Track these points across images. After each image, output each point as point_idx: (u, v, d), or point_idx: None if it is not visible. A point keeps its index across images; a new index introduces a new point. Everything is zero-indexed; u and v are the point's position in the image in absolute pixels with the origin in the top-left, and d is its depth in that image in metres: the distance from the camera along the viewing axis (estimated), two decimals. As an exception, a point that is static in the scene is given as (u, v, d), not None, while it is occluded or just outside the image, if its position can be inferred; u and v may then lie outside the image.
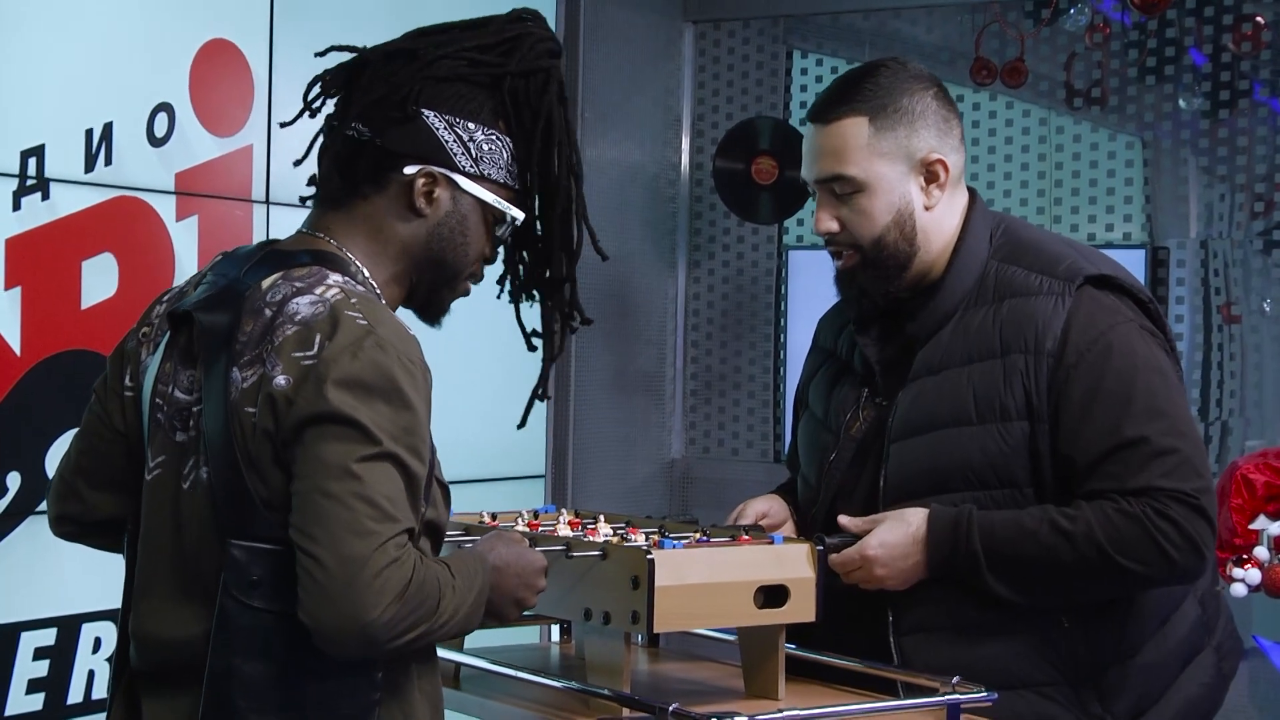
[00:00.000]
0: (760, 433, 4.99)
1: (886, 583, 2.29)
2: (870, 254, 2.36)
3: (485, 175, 1.97)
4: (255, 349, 1.83)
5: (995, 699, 2.12)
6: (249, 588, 1.80)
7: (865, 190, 2.34)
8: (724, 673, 2.33)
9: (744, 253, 5.02)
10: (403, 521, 1.77)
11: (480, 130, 1.96)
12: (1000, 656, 2.26)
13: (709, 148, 4.95)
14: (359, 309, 1.83)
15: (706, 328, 5.04)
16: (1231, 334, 4.65)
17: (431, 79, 1.94)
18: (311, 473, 1.76)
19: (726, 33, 5.01)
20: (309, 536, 1.74)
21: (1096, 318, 2.29)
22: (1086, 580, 2.26)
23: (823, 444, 2.47)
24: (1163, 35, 4.53)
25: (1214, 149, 4.56)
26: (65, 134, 3.38)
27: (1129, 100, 4.65)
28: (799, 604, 2.12)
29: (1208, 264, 4.68)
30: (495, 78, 1.96)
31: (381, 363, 1.80)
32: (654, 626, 2.03)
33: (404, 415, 1.80)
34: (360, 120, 1.94)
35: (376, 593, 1.72)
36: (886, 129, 2.34)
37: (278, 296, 1.86)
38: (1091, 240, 4.65)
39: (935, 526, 2.27)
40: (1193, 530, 2.22)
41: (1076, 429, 2.25)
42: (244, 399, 1.82)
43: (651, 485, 4.88)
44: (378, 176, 1.94)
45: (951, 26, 4.87)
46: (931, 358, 2.34)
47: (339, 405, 1.76)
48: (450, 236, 1.98)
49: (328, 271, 1.89)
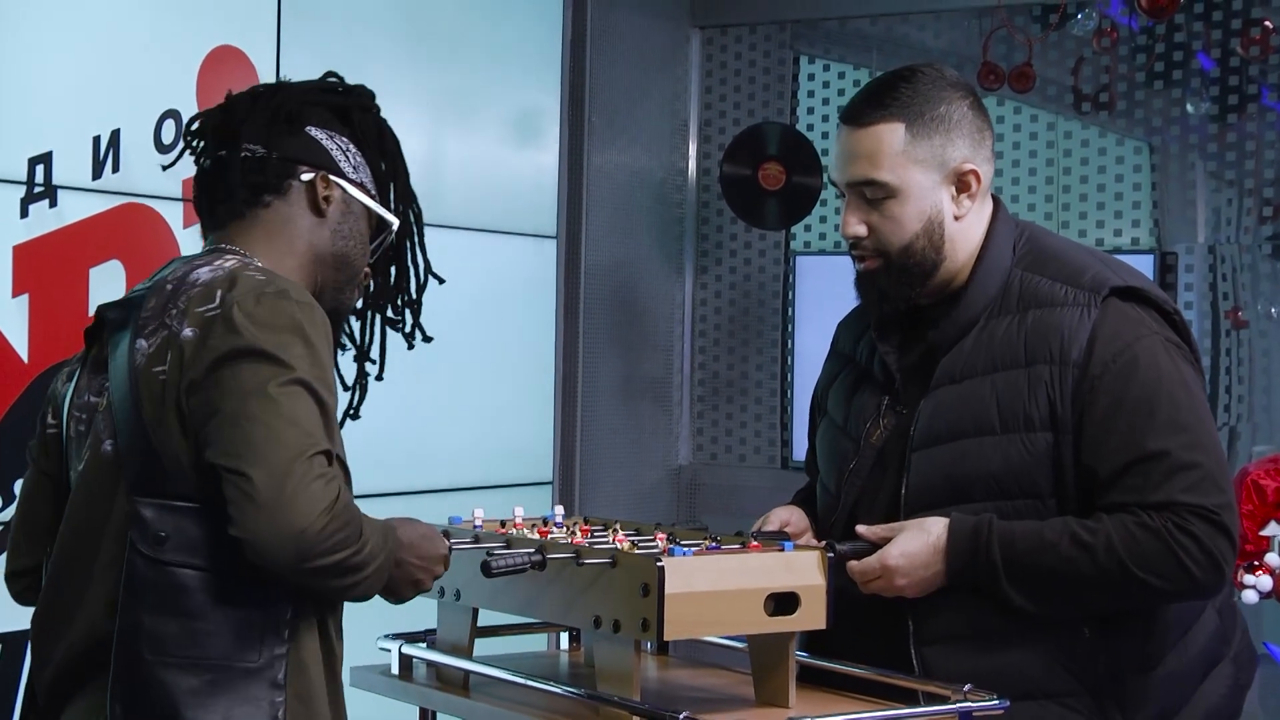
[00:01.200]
0: (768, 439, 4.98)
1: (906, 592, 2.28)
2: (896, 260, 2.34)
3: (363, 183, 2.14)
4: (158, 318, 1.94)
5: (1007, 707, 2.12)
6: (157, 543, 1.89)
7: (897, 196, 2.32)
8: (734, 680, 2.32)
9: (751, 258, 5.01)
10: (322, 442, 1.85)
11: (351, 145, 2.14)
12: (1021, 666, 2.24)
13: (716, 153, 4.94)
14: (257, 270, 1.97)
15: (714, 334, 5.03)
16: (1239, 339, 4.64)
17: (306, 103, 2.12)
18: (230, 400, 1.85)
19: (734, 38, 5.00)
20: (235, 456, 1.82)
21: (1122, 330, 2.27)
22: (1105, 594, 2.25)
23: (842, 451, 2.45)
24: (1171, 39, 4.53)
25: (1222, 153, 4.56)
26: (73, 141, 3.38)
27: (1137, 105, 4.64)
28: (809, 611, 2.11)
29: (1216, 269, 4.68)
30: (344, 109, 2.15)
31: (284, 306, 1.91)
32: (664, 634, 2.02)
33: (310, 352, 1.89)
34: (251, 141, 2.08)
35: (308, 500, 1.80)
36: (922, 136, 2.32)
37: (178, 274, 1.99)
38: (1100, 245, 4.64)
39: (955, 536, 2.26)
40: (1213, 546, 2.21)
41: (1099, 440, 2.24)
42: (150, 361, 1.92)
43: (659, 491, 4.87)
44: (278, 184, 2.08)
45: (959, 31, 4.87)
46: (954, 366, 2.33)
47: (250, 339, 1.87)
48: (350, 236, 2.12)
49: (227, 253, 2.03)
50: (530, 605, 2.24)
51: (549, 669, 2.44)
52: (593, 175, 4.70)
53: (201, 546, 1.88)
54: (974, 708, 2.10)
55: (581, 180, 4.67)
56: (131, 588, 1.89)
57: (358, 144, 2.13)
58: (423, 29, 4.20)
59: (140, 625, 1.88)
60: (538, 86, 4.56)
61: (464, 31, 4.31)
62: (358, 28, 3.99)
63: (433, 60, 4.22)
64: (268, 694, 1.91)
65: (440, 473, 4.20)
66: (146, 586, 1.89)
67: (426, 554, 2.03)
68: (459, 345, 4.26)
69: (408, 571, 2.00)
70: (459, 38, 4.30)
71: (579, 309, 4.67)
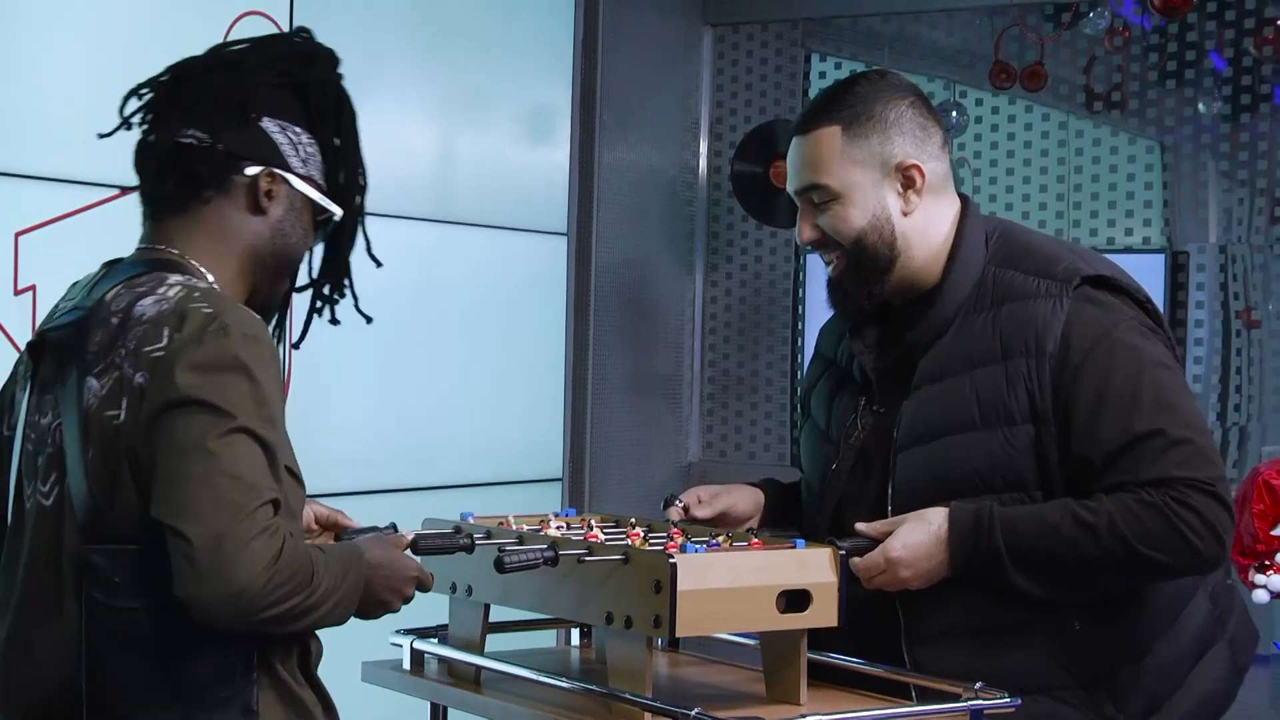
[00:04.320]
0: (777, 436, 4.99)
1: (910, 584, 2.28)
2: (853, 258, 2.38)
3: (310, 176, 2.06)
4: (107, 356, 1.90)
5: (1019, 705, 2.12)
6: (111, 590, 1.86)
7: (840, 198, 2.36)
8: (745, 677, 2.32)
9: (761, 256, 5.01)
10: (265, 493, 1.82)
11: (304, 135, 2.06)
12: (1012, 662, 2.25)
13: (727, 151, 4.95)
14: (202, 300, 1.91)
15: (724, 331, 5.03)
16: (1251, 339, 4.63)
17: (261, 85, 2.03)
18: (170, 456, 1.82)
19: (745, 36, 5.00)
20: (176, 516, 1.79)
21: (1097, 318, 2.30)
22: (1111, 572, 2.26)
23: (824, 454, 2.48)
24: (1183, 39, 4.52)
25: (1234, 153, 4.55)
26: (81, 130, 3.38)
27: (1149, 104, 4.64)
28: (821, 609, 2.12)
29: (1227, 269, 4.67)
30: (301, 85, 2.06)
31: (225, 345, 1.86)
32: (676, 631, 2.03)
33: (252, 389, 1.86)
34: (195, 126, 2.01)
35: (247, 562, 1.77)
36: (859, 136, 2.36)
37: (121, 304, 1.94)
38: (1110, 244, 4.64)
39: (957, 525, 2.27)
40: (1213, 517, 2.23)
41: (1089, 429, 2.26)
42: (103, 405, 1.89)
43: (668, 488, 4.81)
44: (220, 179, 2.01)
45: (971, 30, 4.87)
46: (933, 366, 2.35)
47: (186, 389, 1.83)
48: (290, 231, 2.06)
49: (165, 274, 1.97)
50: (542, 601, 2.24)
51: (560, 665, 2.44)
52: (604, 172, 4.70)
53: (155, 586, 1.83)
54: (985, 705, 2.11)
55: (593, 177, 4.67)
56: (92, 633, 1.87)
57: (311, 126, 2.05)
58: (435, 27, 4.20)
59: (107, 671, 1.87)
60: (549, 83, 4.56)
61: (476, 28, 4.32)
62: (370, 28, 3.99)
63: (444, 57, 4.23)
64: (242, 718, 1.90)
65: (451, 469, 4.21)
66: (108, 633, 1.87)
67: (394, 574, 2.02)
68: (469, 341, 4.27)
69: (373, 592, 1.99)
70: (471, 35, 4.30)
71: (589, 306, 4.67)
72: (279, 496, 1.85)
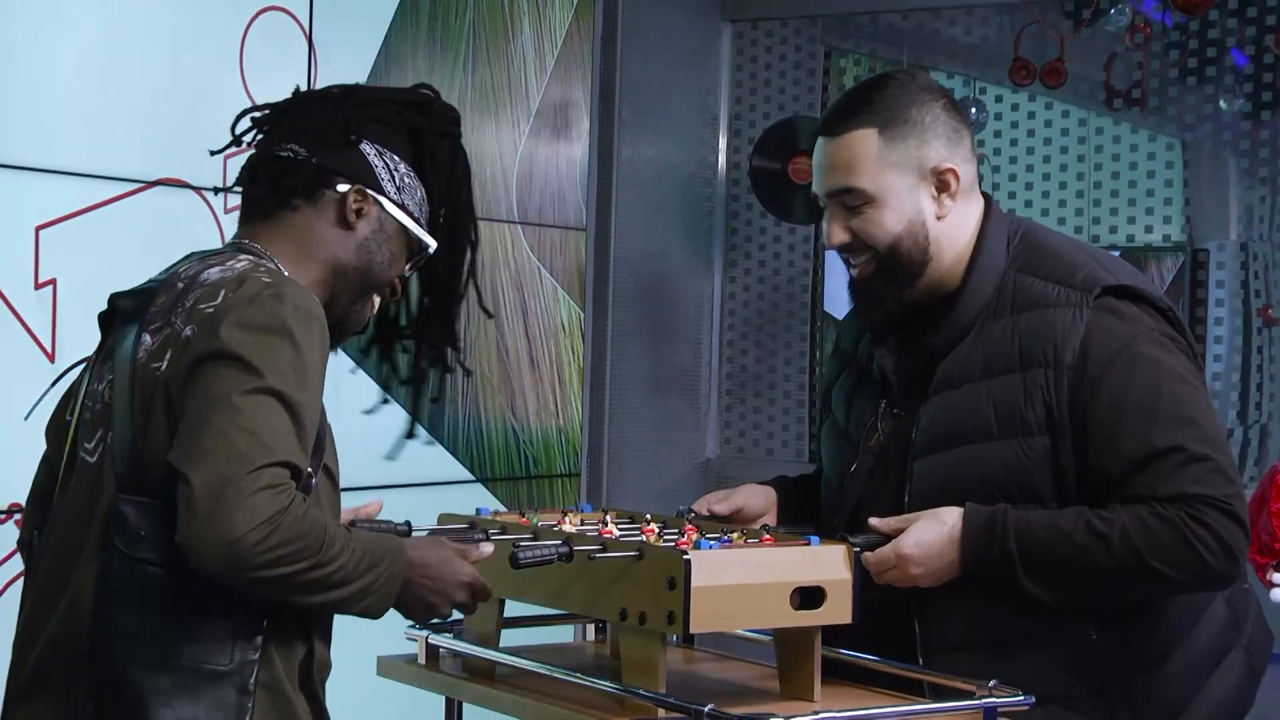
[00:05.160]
0: (795, 433, 4.98)
1: (921, 581, 2.28)
2: (885, 262, 2.35)
3: (405, 204, 2.10)
4: (165, 315, 1.93)
5: (1033, 703, 2.12)
6: (134, 541, 1.87)
7: (875, 202, 2.34)
8: (759, 673, 2.32)
9: (780, 252, 5.01)
10: (281, 454, 1.81)
11: (403, 165, 2.10)
12: (1028, 671, 2.22)
13: (746, 147, 4.94)
14: (266, 274, 1.95)
15: (742, 327, 5.03)
16: (1271, 337, 4.61)
17: (368, 115, 2.09)
18: (197, 404, 1.83)
19: (764, 32, 4.99)
20: (186, 460, 1.80)
21: (1117, 329, 2.28)
22: (1122, 583, 2.25)
23: (844, 454, 2.47)
24: (1204, 36, 4.50)
25: (1255, 150, 4.53)
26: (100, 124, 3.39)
27: (1169, 101, 4.62)
28: (835, 605, 2.12)
29: (1247, 266, 4.65)
30: (417, 130, 2.11)
31: (276, 309, 1.89)
32: (690, 627, 2.03)
33: (294, 356, 1.87)
34: (295, 142, 2.07)
35: (245, 512, 1.76)
36: (896, 140, 2.33)
37: (190, 273, 1.98)
38: (1130, 242, 4.62)
39: (970, 525, 2.26)
40: (1228, 536, 2.21)
41: (1107, 441, 2.24)
42: (151, 357, 1.91)
43: (686, 484, 4.87)
44: (310, 191, 2.06)
45: (991, 27, 4.85)
46: (951, 371, 2.33)
47: (228, 342, 1.85)
48: (376, 252, 2.08)
49: (241, 254, 2.01)
50: (557, 597, 2.25)
51: (575, 660, 2.44)
52: (623, 168, 4.70)
53: (173, 545, 1.83)
54: (999, 703, 2.10)
55: (611, 173, 4.67)
56: (107, 584, 1.89)
57: (417, 165, 2.10)
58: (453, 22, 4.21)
59: (113, 623, 1.88)
60: (569, 79, 4.56)
61: (495, 24, 4.32)
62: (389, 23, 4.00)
63: (463, 52, 4.23)
64: (236, 698, 1.89)
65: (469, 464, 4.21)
66: (120, 584, 1.88)
67: (440, 576, 1.99)
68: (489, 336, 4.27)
69: (417, 593, 1.97)
70: (490, 30, 4.31)
71: (608, 302, 4.67)
72: (299, 464, 1.84)
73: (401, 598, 1.95)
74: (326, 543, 1.83)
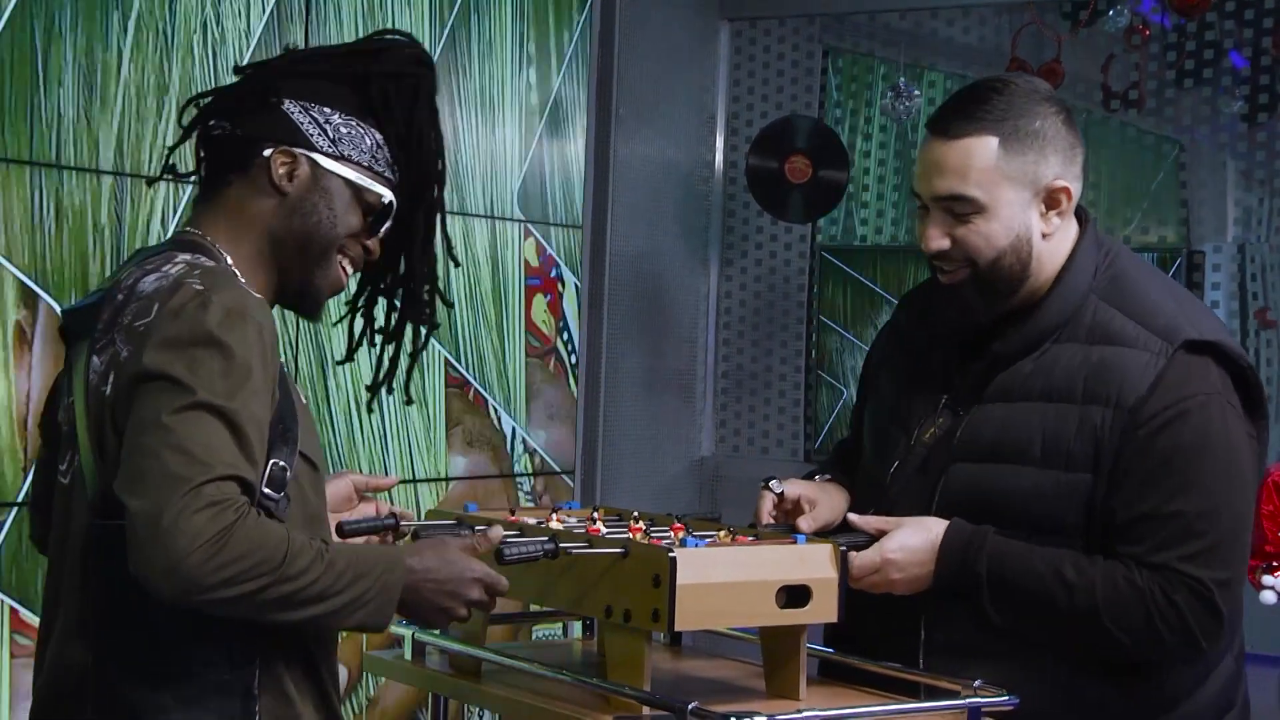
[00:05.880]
0: (791, 432, 4.97)
1: (896, 588, 2.26)
2: (983, 274, 2.28)
3: (345, 155, 2.01)
4: (108, 333, 1.90)
5: (1017, 704, 2.11)
6: (112, 561, 1.83)
7: (985, 213, 2.25)
8: (745, 672, 2.32)
9: (776, 251, 5.00)
10: (219, 468, 1.75)
11: (338, 115, 2.01)
12: (1030, 699, 2.16)
13: (743, 146, 4.93)
14: (199, 278, 1.89)
15: (738, 326, 5.02)
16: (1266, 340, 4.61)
17: (293, 75, 2.03)
18: (132, 429, 1.81)
19: (762, 31, 4.98)
20: (126, 488, 1.77)
21: (1182, 383, 2.21)
22: (1073, 632, 2.22)
23: (892, 440, 2.40)
24: (1202, 38, 4.49)
25: (1253, 153, 4.53)
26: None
27: (1167, 103, 4.61)
28: (821, 604, 2.11)
29: (1244, 268, 4.64)
30: (360, 76, 2.03)
31: (200, 319, 1.83)
32: (675, 625, 2.02)
33: (224, 364, 1.81)
34: (219, 116, 2.03)
35: (186, 536, 1.71)
36: (1016, 152, 2.24)
37: (129, 281, 1.94)
38: (1128, 244, 4.61)
39: (950, 539, 2.25)
40: (1193, 620, 2.18)
41: (1120, 486, 2.20)
42: (100, 380, 1.89)
43: (681, 483, 4.87)
44: (241, 163, 2.01)
45: (988, 27, 4.84)
46: (1009, 384, 2.28)
47: (154, 362, 1.81)
48: (313, 211, 2.01)
49: (176, 252, 1.97)
50: (543, 594, 2.24)
51: (561, 657, 2.44)
52: (619, 167, 4.69)
53: None
54: (984, 703, 2.10)
55: (608, 171, 4.66)
56: (96, 608, 1.87)
57: (365, 112, 2.02)
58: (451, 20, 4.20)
59: (106, 644, 1.86)
60: (565, 77, 4.56)
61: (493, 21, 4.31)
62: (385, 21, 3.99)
63: (461, 50, 4.22)
64: (241, 706, 1.87)
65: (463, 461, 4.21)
66: (108, 605, 1.86)
67: (448, 577, 1.92)
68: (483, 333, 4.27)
69: (427, 599, 1.91)
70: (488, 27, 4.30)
71: (604, 299, 4.66)
72: (244, 475, 1.78)
73: (410, 606, 1.90)
74: (289, 556, 1.77)
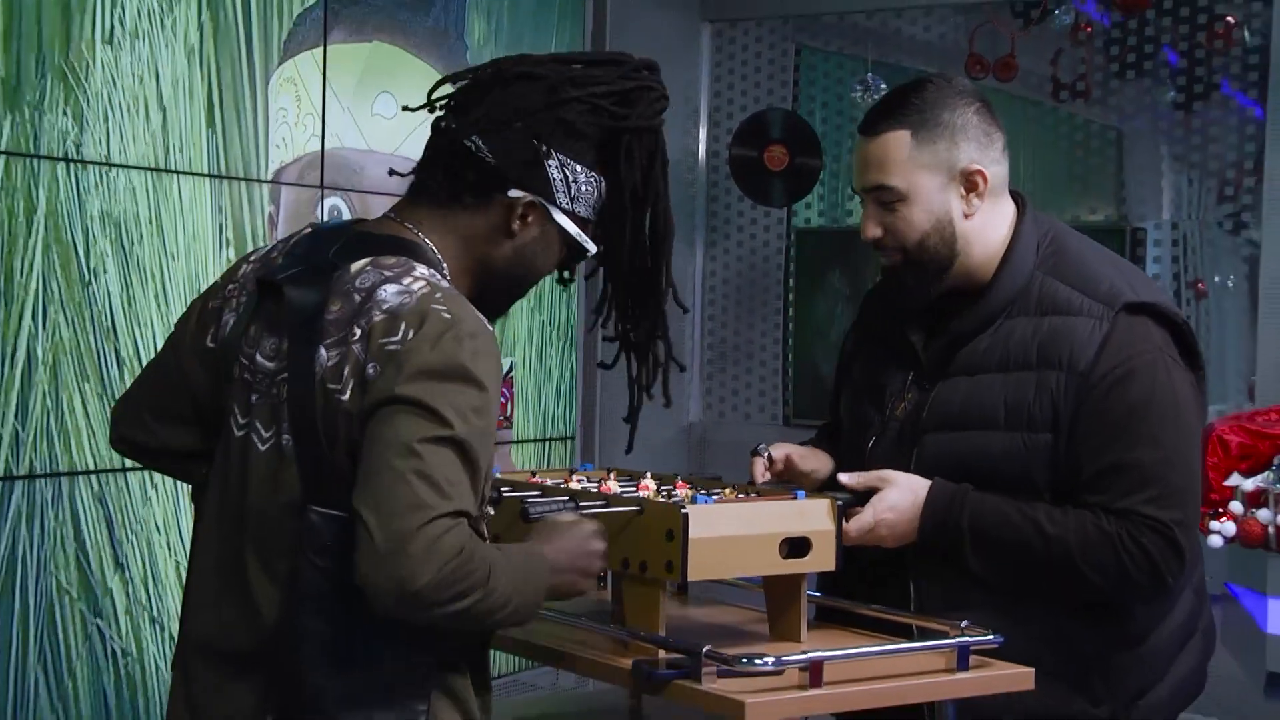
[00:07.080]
0: (771, 398, 4.98)
1: (885, 543, 2.26)
2: (913, 256, 2.31)
3: (576, 212, 1.96)
4: (342, 331, 1.81)
5: (1002, 642, 2.10)
6: (322, 551, 1.78)
7: (906, 200, 2.28)
8: (748, 617, 2.31)
9: (756, 234, 4.99)
10: (457, 502, 1.72)
11: (584, 172, 1.94)
12: (1012, 641, 2.15)
13: (725, 137, 4.91)
14: (443, 303, 1.81)
15: (722, 302, 5.01)
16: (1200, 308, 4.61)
17: (562, 122, 1.91)
18: (379, 448, 1.73)
19: (741, 31, 4.96)
20: (368, 506, 1.71)
21: (1127, 344, 2.22)
22: (1052, 579, 2.22)
23: (867, 419, 2.42)
24: (1141, 34, 4.49)
25: (1186, 138, 4.53)
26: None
27: (1109, 93, 4.61)
28: (820, 554, 2.10)
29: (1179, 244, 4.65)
30: (613, 131, 1.94)
31: (456, 353, 1.77)
32: (688, 575, 2.01)
33: (476, 399, 1.76)
34: (482, 137, 1.91)
35: (423, 562, 1.68)
36: (927, 142, 2.27)
37: (366, 283, 1.84)
38: (1074, 222, 4.60)
39: (934, 496, 2.25)
40: (1159, 559, 2.19)
41: (1083, 444, 2.21)
42: (329, 376, 1.80)
43: (672, 446, 4.86)
44: (483, 192, 1.91)
45: (948, 25, 4.83)
46: (969, 359, 2.30)
47: (411, 390, 1.74)
48: (532, 258, 1.96)
49: (414, 263, 1.87)
50: (563, 549, 2.22)
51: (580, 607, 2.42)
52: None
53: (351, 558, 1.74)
54: (970, 642, 2.09)
55: (601, 162, 4.63)
56: (298, 591, 1.79)
57: (605, 163, 1.94)
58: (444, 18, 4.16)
59: (302, 626, 1.79)
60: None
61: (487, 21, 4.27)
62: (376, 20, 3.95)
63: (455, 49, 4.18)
64: (414, 703, 1.83)
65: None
66: (310, 590, 1.78)
67: (578, 567, 1.93)
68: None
69: (568, 585, 1.92)
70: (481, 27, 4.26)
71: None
72: (470, 510, 1.75)
73: (555, 593, 1.90)
74: (493, 575, 1.76)
